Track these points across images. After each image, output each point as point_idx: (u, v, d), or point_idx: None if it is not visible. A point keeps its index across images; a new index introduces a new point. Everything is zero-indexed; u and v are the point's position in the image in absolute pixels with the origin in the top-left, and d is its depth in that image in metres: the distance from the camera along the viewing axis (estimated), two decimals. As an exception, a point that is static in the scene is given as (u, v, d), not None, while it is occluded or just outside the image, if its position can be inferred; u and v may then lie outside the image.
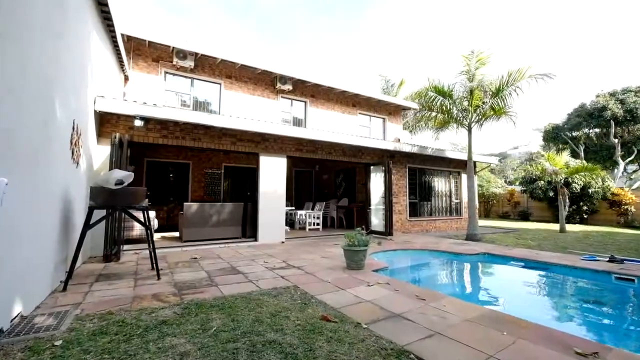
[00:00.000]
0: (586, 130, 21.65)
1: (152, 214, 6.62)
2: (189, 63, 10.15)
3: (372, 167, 9.45)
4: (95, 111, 5.25)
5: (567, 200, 12.76)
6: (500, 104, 8.65)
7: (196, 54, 10.20)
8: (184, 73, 10.45)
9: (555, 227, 14.53)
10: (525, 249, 7.01)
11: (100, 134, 5.73)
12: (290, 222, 10.75)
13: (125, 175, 3.79)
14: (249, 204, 7.73)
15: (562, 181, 12.52)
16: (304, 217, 9.86)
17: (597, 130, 20.95)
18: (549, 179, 15.63)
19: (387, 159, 8.98)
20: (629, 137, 19.79)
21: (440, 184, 11.86)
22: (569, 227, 14.01)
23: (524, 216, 19.36)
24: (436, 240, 8.41)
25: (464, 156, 11.35)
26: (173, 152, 10.58)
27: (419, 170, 11.17)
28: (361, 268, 4.65)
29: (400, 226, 10.18)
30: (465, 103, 9.03)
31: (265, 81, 11.90)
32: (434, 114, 9.59)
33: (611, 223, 15.80)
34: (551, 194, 16.76)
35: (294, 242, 7.60)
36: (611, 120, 18.84)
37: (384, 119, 15.32)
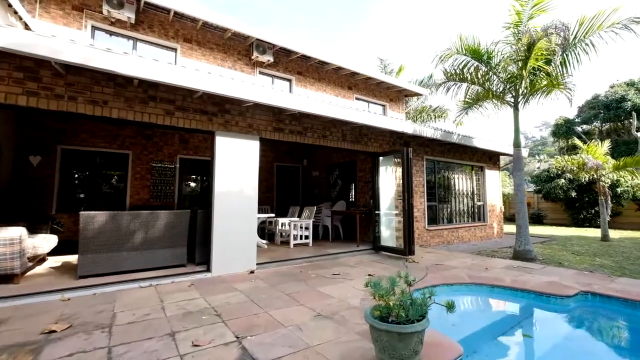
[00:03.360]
0: (597, 123, 19.80)
1: (19, 230, 3.73)
2: (128, 15, 7.24)
3: (381, 157, 6.83)
4: None
5: (610, 202, 10.55)
6: (561, 70, 6.21)
7: (137, 1, 7.34)
8: (121, 29, 7.53)
9: (581, 232, 12.73)
10: (635, 281, 4.51)
11: None
12: (269, 233, 8.00)
13: None
14: (199, 212, 4.96)
15: (601, 178, 10.28)
16: (287, 227, 7.15)
17: (611, 124, 19.11)
18: (574, 176, 13.59)
19: (403, 146, 6.37)
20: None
21: (461, 182, 9.36)
22: (594, 232, 11.94)
23: (537, 219, 17.23)
24: (478, 261, 5.84)
25: (499, 147, 8.94)
26: (104, 137, 7.61)
27: (438, 163, 8.64)
28: (413, 369, 1.98)
29: (417, 237, 7.59)
30: (512, 68, 6.52)
31: (239, 50, 9.13)
32: (464, 85, 7.05)
33: (638, 227, 13.94)
34: (573, 194, 14.64)
35: (269, 272, 4.86)
36: (633, 112, 16.93)
37: (384, 106, 12.80)
